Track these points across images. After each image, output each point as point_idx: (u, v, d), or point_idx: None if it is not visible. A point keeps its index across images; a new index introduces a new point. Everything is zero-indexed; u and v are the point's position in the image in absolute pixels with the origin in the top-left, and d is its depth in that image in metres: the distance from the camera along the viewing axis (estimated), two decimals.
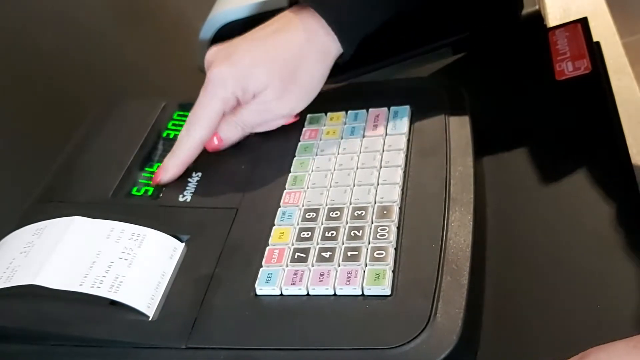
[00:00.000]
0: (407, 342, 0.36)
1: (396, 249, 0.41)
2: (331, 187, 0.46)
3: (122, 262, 0.43)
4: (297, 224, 0.44)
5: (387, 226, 0.42)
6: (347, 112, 0.52)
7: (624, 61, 0.60)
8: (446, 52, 0.61)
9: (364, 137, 0.50)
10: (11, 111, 0.70)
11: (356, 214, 0.44)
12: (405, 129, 0.49)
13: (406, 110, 0.51)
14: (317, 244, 0.43)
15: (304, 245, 0.43)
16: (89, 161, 0.54)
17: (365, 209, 0.44)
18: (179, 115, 0.56)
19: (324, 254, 0.42)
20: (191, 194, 0.49)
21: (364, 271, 0.40)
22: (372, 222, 0.43)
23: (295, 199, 0.46)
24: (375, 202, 0.44)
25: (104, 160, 0.53)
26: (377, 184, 0.46)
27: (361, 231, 0.43)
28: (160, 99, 0.59)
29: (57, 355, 0.41)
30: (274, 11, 0.61)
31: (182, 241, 0.46)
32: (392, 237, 0.42)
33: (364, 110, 0.52)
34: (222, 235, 0.45)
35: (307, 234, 0.43)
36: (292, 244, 0.43)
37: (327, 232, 0.43)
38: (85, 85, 0.78)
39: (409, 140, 0.49)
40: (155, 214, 0.48)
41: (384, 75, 0.61)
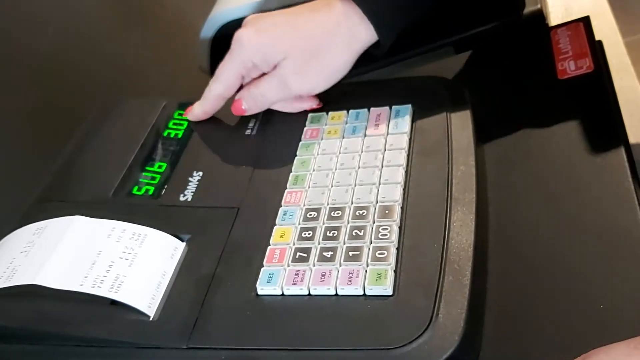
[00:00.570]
0: (409, 342, 0.36)
1: (398, 249, 0.41)
2: (332, 186, 0.46)
3: (122, 261, 0.43)
4: (299, 224, 0.44)
5: (388, 226, 0.42)
6: (348, 111, 0.52)
7: (626, 60, 0.60)
8: (448, 51, 0.61)
9: (365, 136, 0.50)
10: (12, 111, 0.70)
11: (358, 214, 0.44)
12: (406, 128, 0.49)
13: (408, 109, 0.51)
14: (319, 244, 0.42)
15: (305, 245, 0.43)
16: (89, 161, 0.54)
17: (366, 208, 0.44)
18: (180, 114, 0.56)
19: (325, 253, 0.42)
20: (192, 194, 0.49)
21: (366, 271, 0.40)
22: (374, 222, 0.43)
23: (296, 198, 0.46)
24: (376, 202, 0.44)
25: (104, 159, 0.53)
26: (379, 184, 0.45)
27: (363, 231, 0.42)
28: (160, 99, 0.58)
29: (57, 355, 0.41)
30: (274, 10, 0.61)
31: (183, 241, 0.46)
32: (394, 237, 0.42)
33: (366, 109, 0.52)
34: (223, 234, 0.45)
35: (309, 234, 0.43)
36: (294, 244, 0.43)
37: (328, 232, 0.43)
38: (86, 84, 0.78)
39: (410, 139, 0.49)
40: (156, 213, 0.48)
41: (386, 74, 0.60)
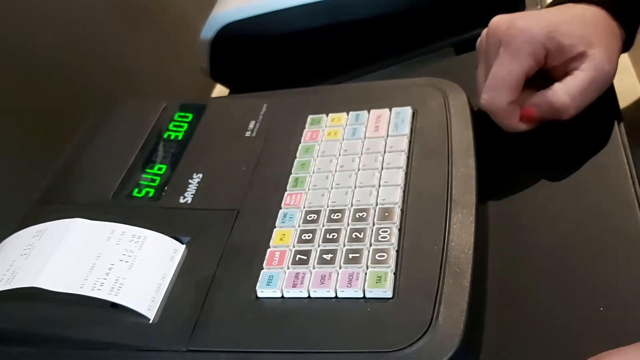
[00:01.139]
0: (409, 345, 0.36)
1: (398, 251, 0.41)
2: (332, 188, 0.46)
3: (122, 264, 0.43)
4: (298, 226, 0.44)
5: (388, 228, 0.42)
6: (348, 113, 0.52)
7: (626, 61, 0.60)
8: (448, 52, 0.61)
9: (365, 138, 0.50)
10: (11, 112, 0.70)
11: (357, 216, 0.44)
12: (406, 130, 0.49)
13: (408, 111, 0.51)
14: (318, 246, 0.42)
15: (305, 247, 0.43)
16: (89, 162, 0.54)
17: (366, 210, 0.44)
18: (180, 116, 0.56)
19: (325, 256, 0.42)
20: (192, 196, 0.49)
21: (366, 273, 0.40)
22: (374, 224, 0.43)
23: (296, 200, 0.46)
24: (376, 204, 0.44)
25: (104, 161, 0.53)
26: (379, 186, 0.45)
27: (362, 233, 0.42)
28: (161, 100, 0.58)
29: (57, 357, 0.41)
30: (275, 11, 0.61)
31: (182, 243, 0.46)
32: (394, 239, 0.42)
33: (365, 111, 0.52)
34: (223, 237, 0.45)
35: (308, 236, 0.43)
36: (293, 246, 0.43)
37: (328, 234, 0.43)
38: (86, 85, 0.78)
39: (410, 141, 0.49)
40: (156, 215, 0.48)
41: (386, 75, 0.61)
